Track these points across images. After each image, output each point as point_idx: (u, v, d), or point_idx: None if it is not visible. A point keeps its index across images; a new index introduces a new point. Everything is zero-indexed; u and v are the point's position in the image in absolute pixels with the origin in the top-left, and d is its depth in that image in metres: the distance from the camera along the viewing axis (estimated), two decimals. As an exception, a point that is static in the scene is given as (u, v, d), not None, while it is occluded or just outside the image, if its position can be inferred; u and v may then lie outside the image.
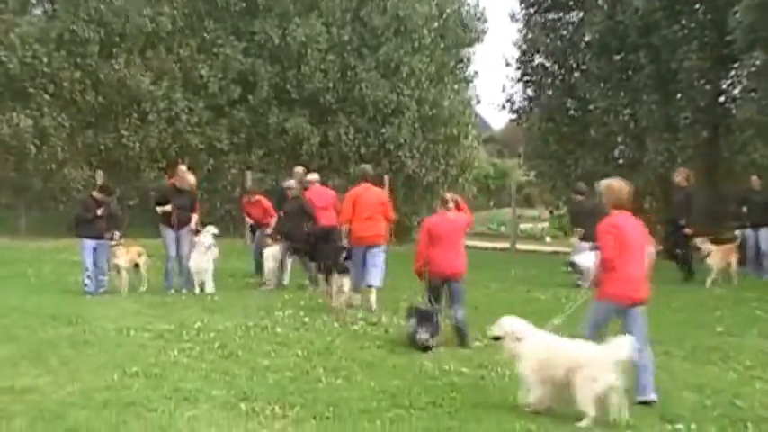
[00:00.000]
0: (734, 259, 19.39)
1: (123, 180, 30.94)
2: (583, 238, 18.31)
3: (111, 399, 8.52)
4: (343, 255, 15.14)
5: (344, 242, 15.88)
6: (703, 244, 19.11)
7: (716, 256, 19.16)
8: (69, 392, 8.82)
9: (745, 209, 21.15)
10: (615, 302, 9.12)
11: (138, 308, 14.81)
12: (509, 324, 8.96)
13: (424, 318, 11.72)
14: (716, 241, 19.77)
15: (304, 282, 18.08)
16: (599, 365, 8.10)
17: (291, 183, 18.68)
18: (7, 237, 28.83)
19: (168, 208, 17.50)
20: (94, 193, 17.81)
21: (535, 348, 8.62)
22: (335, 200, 18.56)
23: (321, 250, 16.37)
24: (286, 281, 18.28)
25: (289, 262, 18.35)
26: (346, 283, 14.59)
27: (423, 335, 11.55)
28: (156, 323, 13.08)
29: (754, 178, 21.49)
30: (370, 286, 15.28)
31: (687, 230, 19.65)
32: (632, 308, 9.09)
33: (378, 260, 15.64)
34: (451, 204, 12.65)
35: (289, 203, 18.10)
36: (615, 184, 9.59)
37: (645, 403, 8.70)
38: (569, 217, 20.21)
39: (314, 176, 19.72)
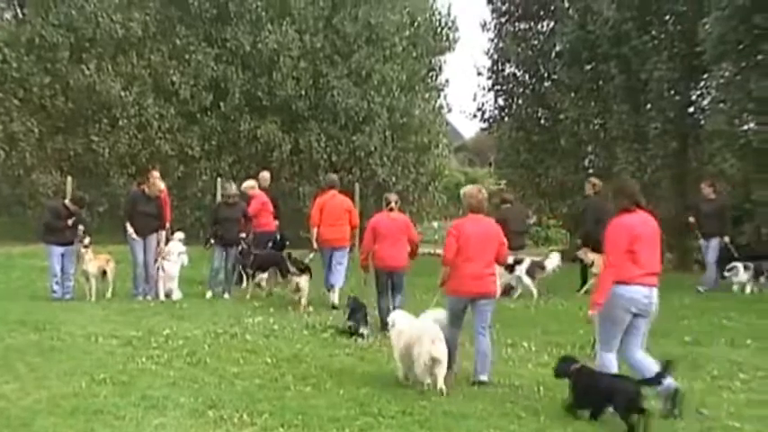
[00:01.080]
0: None
1: (93, 186, 30.75)
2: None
3: (79, 406, 8.47)
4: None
5: (313, 245, 17.26)
6: (585, 255, 19.17)
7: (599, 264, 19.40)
8: (36, 399, 8.76)
9: (692, 219, 20.92)
10: (458, 296, 10.37)
11: (107, 314, 14.76)
12: (392, 316, 10.64)
13: (356, 309, 13.41)
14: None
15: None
16: (421, 341, 9.53)
17: (233, 189, 18.84)
18: (-25, 242, 28.62)
19: (132, 234, 17.48)
20: (67, 202, 17.75)
21: (400, 333, 10.10)
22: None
23: (260, 256, 18.19)
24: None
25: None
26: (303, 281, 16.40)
27: (351, 322, 13.23)
28: (125, 330, 13.04)
29: (704, 186, 20.96)
30: (332, 286, 16.78)
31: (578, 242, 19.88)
32: (477, 300, 10.29)
33: (342, 260, 16.94)
34: (393, 205, 14.18)
35: (229, 209, 18.29)
36: (468, 191, 10.91)
37: (479, 383, 9.90)
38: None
39: (250, 183, 20.48)
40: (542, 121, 32.57)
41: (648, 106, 27.73)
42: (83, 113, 32.27)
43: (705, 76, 25.98)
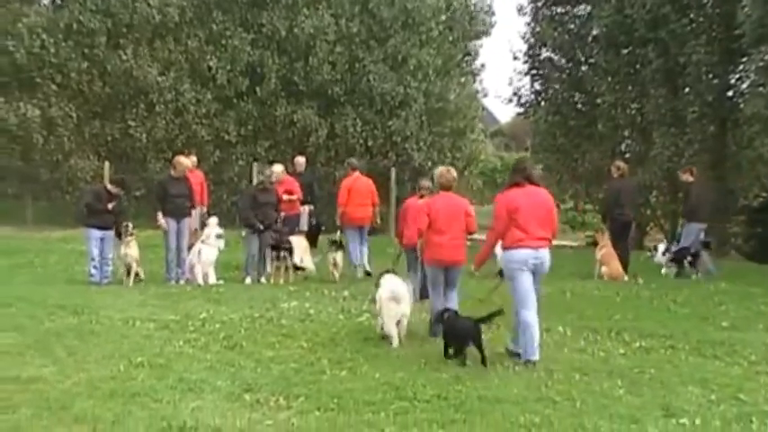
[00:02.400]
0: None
1: (130, 171, 30.95)
2: None
3: (117, 389, 8.54)
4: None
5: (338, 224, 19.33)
6: (600, 236, 19.59)
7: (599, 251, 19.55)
8: (75, 382, 8.83)
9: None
10: (434, 264, 11.65)
11: (144, 299, 14.82)
12: (383, 279, 11.98)
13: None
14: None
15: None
16: (388, 300, 11.32)
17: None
18: (14, 227, 28.88)
19: (162, 222, 17.60)
20: (109, 186, 17.85)
21: (381, 292, 11.60)
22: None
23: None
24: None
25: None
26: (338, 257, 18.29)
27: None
28: (162, 314, 13.10)
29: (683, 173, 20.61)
30: (360, 262, 18.88)
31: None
32: (450, 267, 11.63)
33: (366, 236, 19.45)
34: (425, 192, 14.56)
35: (266, 194, 18.44)
36: (439, 171, 12.16)
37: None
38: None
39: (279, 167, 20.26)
40: (579, 106, 32.45)
41: (686, 90, 27.58)
42: (120, 99, 32.48)
43: (744, 59, 25.75)
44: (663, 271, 19.85)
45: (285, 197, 19.07)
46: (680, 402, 8.43)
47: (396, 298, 11.29)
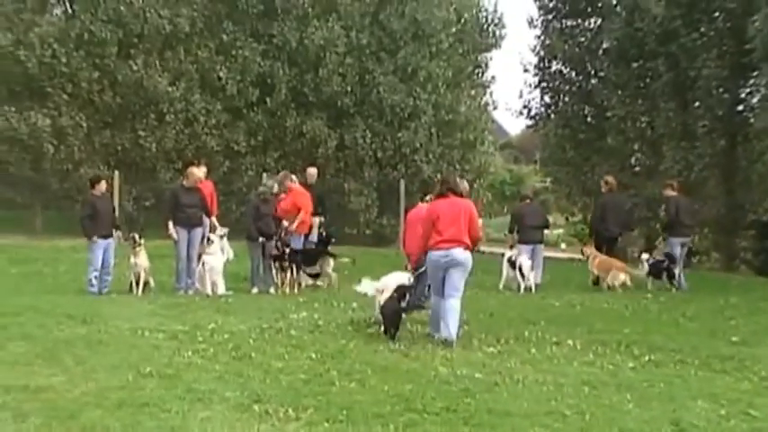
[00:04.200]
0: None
1: (139, 180, 31.10)
2: (522, 241, 19.75)
3: (126, 399, 8.53)
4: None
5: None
6: (587, 249, 20.04)
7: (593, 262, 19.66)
8: (84, 392, 8.83)
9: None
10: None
11: (153, 309, 14.83)
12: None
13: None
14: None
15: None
16: (377, 291, 13.30)
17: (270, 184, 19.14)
18: (24, 236, 28.99)
19: (173, 233, 17.63)
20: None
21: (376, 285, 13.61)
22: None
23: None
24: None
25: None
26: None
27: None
28: (171, 324, 13.10)
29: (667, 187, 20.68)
30: None
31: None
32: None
33: None
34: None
35: (266, 205, 18.56)
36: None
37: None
38: (511, 220, 20.64)
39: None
40: (589, 119, 32.50)
41: (696, 104, 27.61)
42: (130, 108, 32.61)
43: (754, 73, 25.81)
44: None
45: (286, 224, 18.82)
46: (690, 417, 8.40)
47: (380, 289, 13.22)
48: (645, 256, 20.12)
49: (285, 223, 18.54)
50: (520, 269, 18.75)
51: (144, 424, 7.75)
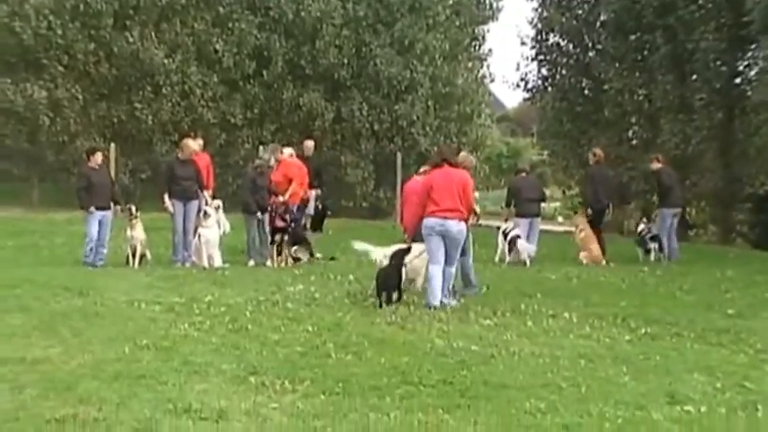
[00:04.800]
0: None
1: (136, 153, 31.05)
2: (519, 214, 19.83)
3: (122, 371, 8.54)
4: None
5: None
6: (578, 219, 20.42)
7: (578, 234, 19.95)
8: (80, 364, 8.83)
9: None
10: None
11: (150, 281, 14.85)
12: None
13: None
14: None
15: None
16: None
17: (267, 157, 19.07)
18: (20, 208, 28.96)
19: (169, 205, 17.59)
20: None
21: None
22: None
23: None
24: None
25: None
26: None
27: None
28: (167, 296, 13.12)
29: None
30: None
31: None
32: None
33: None
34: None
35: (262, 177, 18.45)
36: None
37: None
38: (507, 193, 20.63)
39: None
40: (586, 92, 32.41)
41: (694, 77, 27.53)
42: (126, 81, 32.49)
43: (753, 46, 25.73)
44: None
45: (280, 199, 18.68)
46: (685, 389, 8.40)
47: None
48: (641, 226, 20.15)
49: (280, 198, 18.38)
50: (510, 242, 18.80)
51: (140, 396, 7.75)
